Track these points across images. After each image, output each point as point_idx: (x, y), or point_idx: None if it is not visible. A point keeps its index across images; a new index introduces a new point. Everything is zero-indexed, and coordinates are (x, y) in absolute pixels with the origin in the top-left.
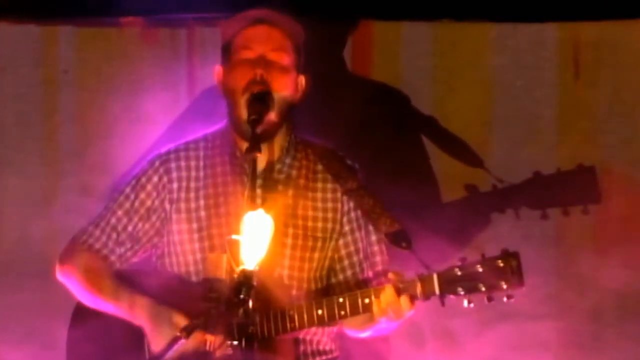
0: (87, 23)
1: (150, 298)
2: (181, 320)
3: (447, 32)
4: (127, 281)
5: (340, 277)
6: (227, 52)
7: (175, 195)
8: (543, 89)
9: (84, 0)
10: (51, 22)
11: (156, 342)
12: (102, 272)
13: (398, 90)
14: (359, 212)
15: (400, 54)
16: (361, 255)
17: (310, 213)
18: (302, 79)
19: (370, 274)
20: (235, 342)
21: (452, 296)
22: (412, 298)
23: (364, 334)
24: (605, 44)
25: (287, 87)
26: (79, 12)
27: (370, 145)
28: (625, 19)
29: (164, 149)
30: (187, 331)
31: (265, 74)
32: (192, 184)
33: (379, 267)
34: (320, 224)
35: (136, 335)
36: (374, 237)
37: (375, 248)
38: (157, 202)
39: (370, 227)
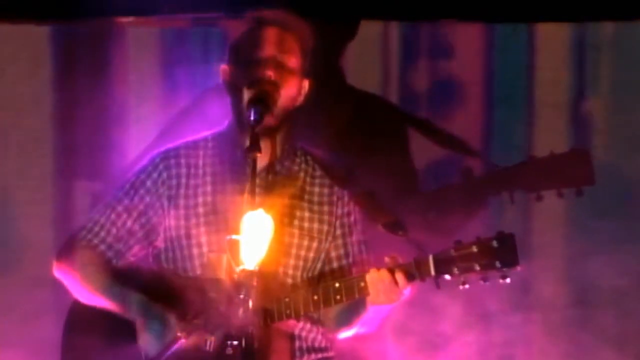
0: (87, 23)
1: (142, 295)
2: (172, 318)
3: (447, 32)
4: (123, 278)
5: (329, 280)
6: (236, 52)
7: (174, 192)
8: (543, 89)
9: (84, 0)
10: (51, 22)
11: (144, 338)
12: (98, 268)
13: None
14: (352, 220)
15: (400, 54)
16: (350, 259)
17: (306, 214)
18: (305, 83)
19: None
20: (235, 342)
21: (447, 277)
22: (409, 277)
23: (352, 330)
24: (605, 44)
25: (292, 89)
26: (79, 12)
27: (358, 148)
28: (625, 20)
29: (164, 147)
30: (187, 331)
31: (275, 75)
32: (192, 181)
33: None
34: (316, 225)
35: (130, 338)
36: (363, 247)
37: (365, 257)
38: (155, 198)
39: (362, 238)
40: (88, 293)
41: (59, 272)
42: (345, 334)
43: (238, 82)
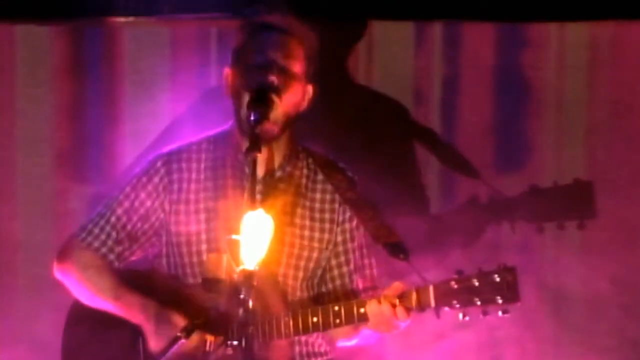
0: (86, 23)
1: (148, 298)
2: (180, 320)
3: (448, 32)
4: (126, 280)
5: (330, 286)
6: (238, 56)
7: (175, 196)
8: (543, 89)
9: (84, 0)
10: (51, 22)
11: (155, 341)
12: (101, 271)
13: (396, 100)
14: (354, 224)
15: (400, 54)
16: (352, 266)
17: (307, 222)
18: (309, 88)
19: (361, 285)
20: (235, 342)
21: (447, 309)
22: (408, 310)
23: (351, 342)
24: (605, 44)
25: (295, 94)
26: (79, 12)
27: (365, 150)
28: (625, 19)
29: (166, 149)
30: (187, 331)
31: (277, 80)
32: (193, 186)
33: (368, 283)
34: (317, 234)
35: (131, 338)
36: (365, 251)
37: (366, 261)
38: (157, 203)
39: (363, 241)
40: (90, 295)
41: (59, 274)
42: (349, 343)
43: (240, 87)
